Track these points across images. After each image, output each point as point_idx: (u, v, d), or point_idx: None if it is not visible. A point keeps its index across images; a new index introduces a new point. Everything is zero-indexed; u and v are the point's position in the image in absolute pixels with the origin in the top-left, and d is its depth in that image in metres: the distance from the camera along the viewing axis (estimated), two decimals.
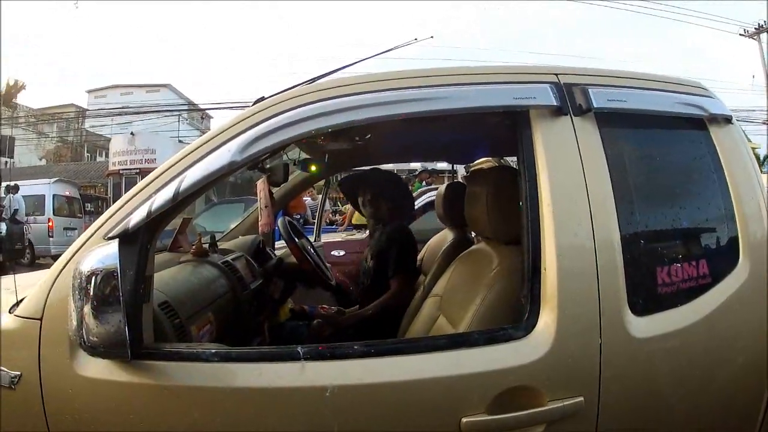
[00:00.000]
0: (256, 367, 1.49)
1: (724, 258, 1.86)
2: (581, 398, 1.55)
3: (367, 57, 2.05)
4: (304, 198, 9.78)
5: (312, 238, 4.36)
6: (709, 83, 2.00)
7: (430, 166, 11.58)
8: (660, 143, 1.91)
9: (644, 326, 1.62)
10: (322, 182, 4.81)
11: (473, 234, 3.08)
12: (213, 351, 1.52)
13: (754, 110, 22.28)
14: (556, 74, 1.72)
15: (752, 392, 1.86)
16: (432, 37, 2.21)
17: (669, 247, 1.79)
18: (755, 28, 22.88)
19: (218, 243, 3.03)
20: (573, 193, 1.61)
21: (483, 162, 3.62)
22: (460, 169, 4.45)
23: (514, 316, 1.64)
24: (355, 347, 1.53)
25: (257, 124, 1.56)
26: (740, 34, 23.28)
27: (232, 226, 3.71)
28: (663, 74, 1.96)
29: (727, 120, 1.98)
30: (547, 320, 1.54)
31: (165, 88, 33.73)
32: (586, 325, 1.56)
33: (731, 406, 1.85)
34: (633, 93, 1.80)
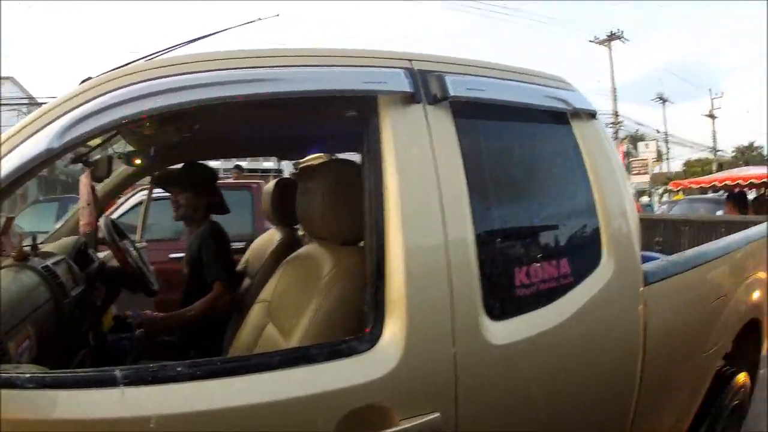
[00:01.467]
0: (74, 394, 1.24)
1: (587, 256, 1.82)
2: (437, 414, 1.41)
3: (206, 35, 1.83)
4: None
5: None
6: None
7: (254, 164, 11.21)
8: (520, 136, 1.83)
9: (502, 332, 1.52)
10: None
11: (302, 234, 2.93)
12: (28, 376, 1.26)
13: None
14: (410, 60, 1.58)
15: (622, 391, 1.87)
16: (278, 15, 2.01)
17: (528, 247, 1.71)
18: (606, 36, 24.86)
19: (41, 245, 2.68)
20: (423, 188, 1.48)
21: (313, 158, 3.47)
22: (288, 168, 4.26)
23: (355, 326, 1.50)
24: (180, 369, 1.30)
25: (80, 105, 1.33)
26: (590, 41, 25.58)
27: (57, 225, 3.39)
28: (532, 69, 1.92)
29: (591, 115, 1.95)
30: (393, 330, 1.39)
31: (8, 81, 31.48)
32: (438, 334, 1.43)
33: (601, 405, 1.83)
34: (493, 83, 1.70)
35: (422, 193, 1.47)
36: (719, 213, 9.96)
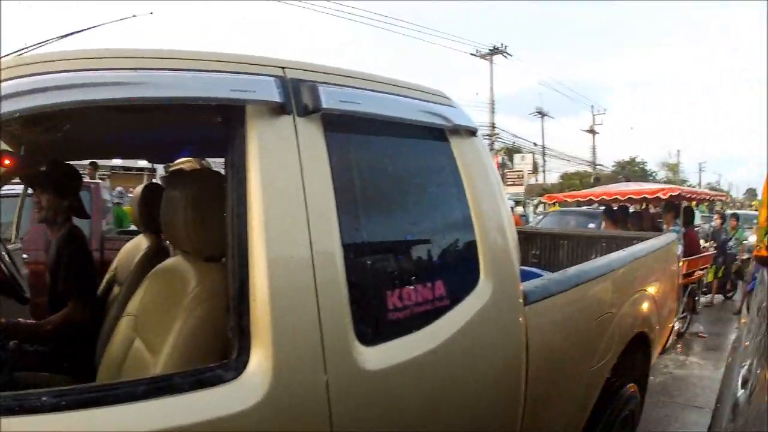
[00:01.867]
0: None
1: (464, 277, 1.85)
2: None
3: (75, 31, 1.71)
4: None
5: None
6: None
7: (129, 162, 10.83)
8: (395, 152, 1.83)
9: (376, 357, 1.51)
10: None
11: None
12: None
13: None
14: (283, 68, 1.53)
15: (507, 410, 1.91)
16: (152, 13, 1.92)
17: (401, 268, 1.70)
18: (489, 50, 26.44)
19: None
20: (289, 205, 1.44)
21: (184, 162, 3.37)
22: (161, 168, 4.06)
23: (222, 350, 1.43)
24: (44, 398, 1.18)
25: None
26: (472, 54, 26.78)
27: None
28: (412, 83, 1.90)
29: (471, 132, 1.99)
30: (260, 357, 1.34)
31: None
32: (308, 361, 1.40)
33: (486, 426, 1.85)
34: (369, 95, 1.68)
35: (288, 211, 1.43)
36: (591, 226, 10.40)
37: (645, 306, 3.08)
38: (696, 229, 9.52)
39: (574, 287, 2.36)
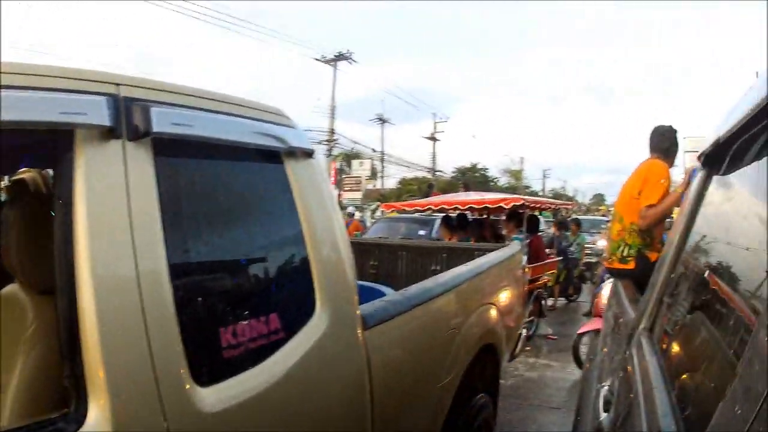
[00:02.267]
0: None
1: (300, 308, 1.84)
2: None
3: None
4: None
5: None
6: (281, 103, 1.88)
7: None
8: (229, 177, 1.79)
9: (213, 398, 1.47)
10: None
11: None
12: None
13: (312, 130, 26.53)
14: (118, 84, 1.43)
15: None
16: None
17: (234, 303, 1.65)
18: (334, 56, 27.18)
19: None
20: (114, 240, 1.35)
21: (23, 173, 3.11)
22: None
23: (64, 397, 1.33)
24: None
25: None
26: (316, 59, 27.19)
27: None
28: (248, 100, 1.85)
29: (307, 154, 2.00)
30: (98, 408, 1.24)
31: None
32: (147, 408, 1.33)
33: None
34: (204, 117, 1.63)
35: (113, 246, 1.34)
36: (421, 233, 10.71)
37: (491, 318, 3.25)
38: (541, 234, 10.02)
39: (416, 307, 2.44)
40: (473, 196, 9.68)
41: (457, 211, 9.16)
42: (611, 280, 5.49)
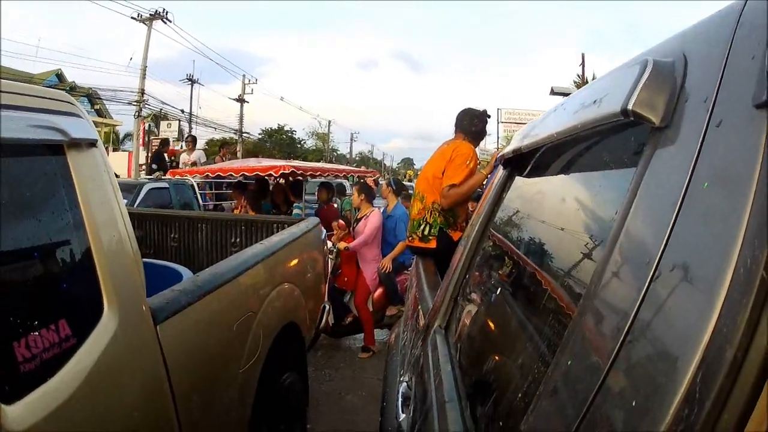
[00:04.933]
0: None
1: (87, 311, 1.71)
2: None
3: None
4: None
5: None
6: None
7: None
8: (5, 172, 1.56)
9: (20, 415, 1.34)
10: None
11: None
12: None
13: (124, 90, 26.33)
14: None
15: (164, 428, 1.87)
16: None
17: (20, 311, 1.45)
18: (149, 14, 26.03)
19: None
20: None
21: None
22: None
23: None
24: None
25: None
26: (133, 18, 26.04)
27: None
28: (28, 86, 1.64)
29: (91, 144, 1.85)
30: None
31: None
32: None
33: None
34: None
35: None
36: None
37: (290, 296, 3.24)
38: (333, 203, 9.65)
39: (209, 293, 2.39)
40: (250, 163, 9.55)
41: (258, 177, 9.06)
42: None
